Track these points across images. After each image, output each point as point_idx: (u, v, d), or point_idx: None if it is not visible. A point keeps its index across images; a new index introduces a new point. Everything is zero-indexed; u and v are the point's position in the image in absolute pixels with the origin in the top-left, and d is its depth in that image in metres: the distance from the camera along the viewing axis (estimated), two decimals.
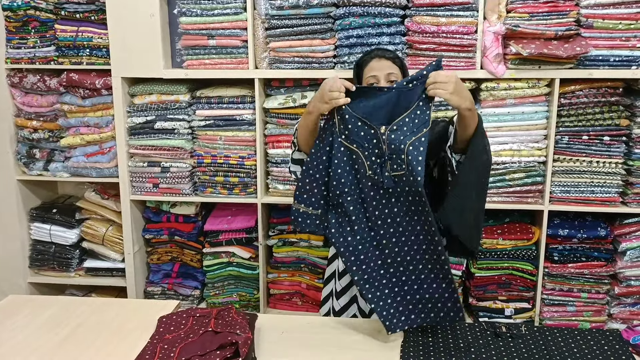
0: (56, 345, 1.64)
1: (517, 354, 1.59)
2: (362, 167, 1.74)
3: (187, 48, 2.69)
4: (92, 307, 1.91)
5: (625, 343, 1.63)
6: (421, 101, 1.69)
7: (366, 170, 1.73)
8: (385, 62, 1.93)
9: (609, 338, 1.66)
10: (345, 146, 1.75)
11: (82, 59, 2.79)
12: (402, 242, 1.72)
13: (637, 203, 2.57)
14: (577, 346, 1.62)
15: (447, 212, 1.79)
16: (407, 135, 1.67)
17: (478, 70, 2.52)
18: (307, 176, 1.81)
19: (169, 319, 1.68)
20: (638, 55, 2.44)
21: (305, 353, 1.63)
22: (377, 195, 1.73)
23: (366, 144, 1.72)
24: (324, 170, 1.79)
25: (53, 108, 2.89)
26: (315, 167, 1.80)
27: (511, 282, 2.68)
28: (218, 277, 2.92)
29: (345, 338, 1.71)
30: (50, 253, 3.05)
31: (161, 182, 2.83)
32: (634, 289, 2.64)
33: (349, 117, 1.73)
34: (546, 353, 1.59)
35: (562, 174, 2.58)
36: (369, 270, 1.73)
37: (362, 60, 1.99)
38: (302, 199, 1.84)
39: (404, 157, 1.66)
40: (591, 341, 1.65)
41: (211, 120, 2.75)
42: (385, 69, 1.91)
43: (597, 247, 2.64)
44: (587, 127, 2.53)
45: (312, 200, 1.83)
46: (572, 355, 1.57)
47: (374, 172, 1.72)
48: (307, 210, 1.84)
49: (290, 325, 1.79)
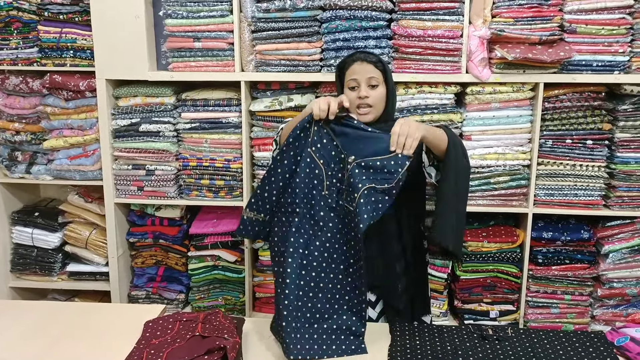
0: (41, 351, 1.61)
1: (504, 357, 1.60)
2: (320, 185, 1.76)
3: (173, 50, 2.67)
4: (77, 312, 1.89)
5: (610, 345, 1.65)
6: (400, 159, 1.67)
7: (323, 188, 1.75)
8: (368, 66, 1.95)
9: (593, 340, 1.68)
10: (312, 158, 1.76)
11: (66, 60, 2.76)
12: (330, 268, 1.73)
13: (619, 206, 2.60)
14: (563, 348, 1.64)
15: (436, 228, 1.86)
16: (368, 179, 1.66)
17: (463, 74, 2.53)
18: (267, 182, 1.82)
19: (155, 323, 1.66)
20: (620, 60, 2.47)
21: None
22: (326, 217, 1.74)
23: (332, 164, 1.75)
24: (282, 177, 1.79)
25: (36, 110, 2.86)
26: (277, 173, 1.80)
27: (496, 285, 2.70)
28: (203, 280, 2.91)
29: None
30: (32, 257, 3.01)
31: (146, 185, 2.80)
32: (616, 290, 2.67)
33: (326, 133, 1.76)
34: (532, 355, 1.60)
35: (546, 177, 2.61)
36: (292, 286, 1.69)
37: (344, 62, 2.00)
38: (254, 207, 1.85)
39: (356, 196, 1.64)
40: (576, 343, 1.66)
41: (197, 123, 2.73)
42: (367, 72, 1.94)
43: (580, 249, 2.67)
44: (571, 131, 2.56)
45: (264, 207, 1.84)
46: (558, 358, 1.59)
47: (329, 193, 1.74)
48: (255, 216, 1.86)
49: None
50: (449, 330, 1.76)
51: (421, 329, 1.76)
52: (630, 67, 2.50)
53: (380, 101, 1.97)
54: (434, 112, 2.57)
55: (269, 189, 1.82)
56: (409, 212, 1.99)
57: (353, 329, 1.70)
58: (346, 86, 1.99)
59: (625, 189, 2.58)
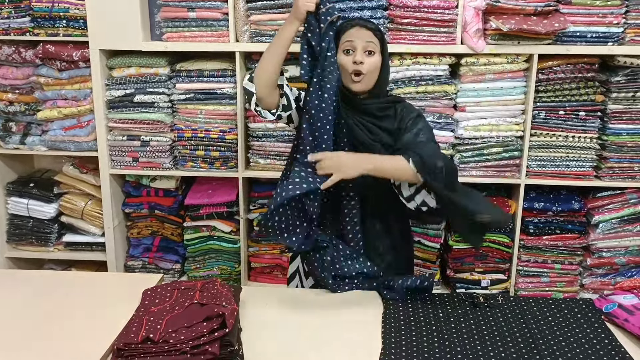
0: (40, 319, 1.64)
1: (494, 323, 1.64)
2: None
3: (167, 20, 2.65)
4: (75, 281, 1.91)
5: (598, 311, 1.69)
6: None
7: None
8: (366, 32, 1.87)
9: (582, 307, 1.72)
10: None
11: (59, 30, 2.73)
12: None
13: (610, 177, 2.64)
14: (552, 315, 1.68)
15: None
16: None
17: (458, 45, 2.53)
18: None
19: (154, 291, 1.69)
20: (614, 32, 2.48)
21: (289, 324, 1.66)
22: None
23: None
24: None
25: (29, 80, 2.83)
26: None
27: (488, 254, 2.74)
28: (199, 251, 2.94)
29: (328, 310, 1.75)
30: (28, 227, 3.03)
31: (141, 156, 2.81)
32: (605, 260, 2.72)
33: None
34: (522, 322, 1.64)
35: (538, 149, 2.63)
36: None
37: (342, 26, 1.89)
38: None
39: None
40: (565, 310, 1.70)
41: (191, 94, 2.73)
42: (365, 37, 1.86)
43: (571, 219, 2.71)
44: (564, 103, 2.58)
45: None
46: (547, 324, 1.63)
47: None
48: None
49: (273, 297, 1.81)
50: (441, 298, 1.79)
51: (414, 297, 1.79)
52: (624, 38, 2.51)
53: (375, 70, 1.88)
54: (429, 83, 2.58)
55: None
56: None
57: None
58: (341, 48, 1.87)
59: (616, 160, 2.62)
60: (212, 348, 1.38)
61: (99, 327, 1.58)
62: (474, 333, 1.60)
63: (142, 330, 1.44)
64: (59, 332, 1.57)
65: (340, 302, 1.78)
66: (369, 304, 1.77)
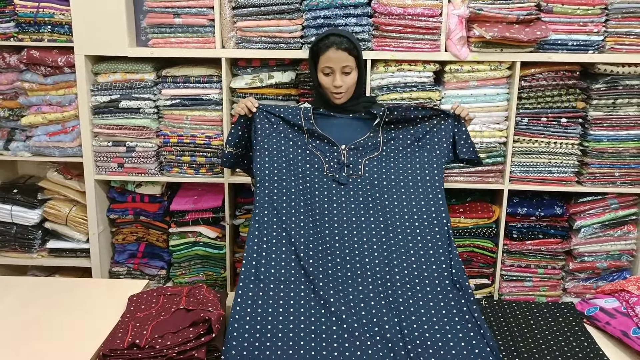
0: (25, 326, 1.63)
1: None
2: (321, 168, 2.07)
3: (153, 26, 2.65)
4: (59, 287, 1.90)
5: (579, 315, 1.72)
6: (373, 131, 2.15)
7: (324, 170, 2.06)
8: (342, 54, 2.12)
9: (563, 310, 1.75)
10: (311, 151, 2.11)
11: (44, 35, 2.72)
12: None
13: (591, 182, 2.68)
14: (534, 318, 1.71)
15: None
16: (362, 155, 2.10)
17: (442, 52, 2.56)
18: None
19: (140, 297, 1.69)
20: (595, 40, 2.52)
21: None
22: (333, 190, 2.04)
23: (328, 154, 2.10)
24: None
25: (13, 86, 2.82)
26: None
27: (472, 259, 2.77)
28: (184, 256, 2.93)
29: None
30: (12, 234, 3.00)
31: (126, 162, 2.80)
32: (587, 264, 2.76)
33: (316, 134, 2.12)
34: (504, 325, 1.66)
35: (521, 155, 2.67)
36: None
37: (318, 47, 2.14)
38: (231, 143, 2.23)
39: (360, 167, 2.07)
40: (547, 313, 1.73)
41: (177, 100, 2.73)
42: (341, 61, 2.12)
43: (553, 224, 2.75)
44: (546, 109, 2.62)
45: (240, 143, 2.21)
46: (529, 327, 1.66)
47: (332, 172, 2.06)
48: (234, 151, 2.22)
49: None
50: None
51: None
52: (604, 46, 2.56)
53: (353, 85, 2.19)
54: (413, 89, 2.60)
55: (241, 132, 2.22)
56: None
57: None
58: (320, 72, 2.16)
59: (597, 165, 2.66)
60: (199, 353, 1.38)
61: (84, 334, 1.57)
62: None
63: (128, 336, 1.44)
64: (44, 339, 1.56)
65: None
66: None
